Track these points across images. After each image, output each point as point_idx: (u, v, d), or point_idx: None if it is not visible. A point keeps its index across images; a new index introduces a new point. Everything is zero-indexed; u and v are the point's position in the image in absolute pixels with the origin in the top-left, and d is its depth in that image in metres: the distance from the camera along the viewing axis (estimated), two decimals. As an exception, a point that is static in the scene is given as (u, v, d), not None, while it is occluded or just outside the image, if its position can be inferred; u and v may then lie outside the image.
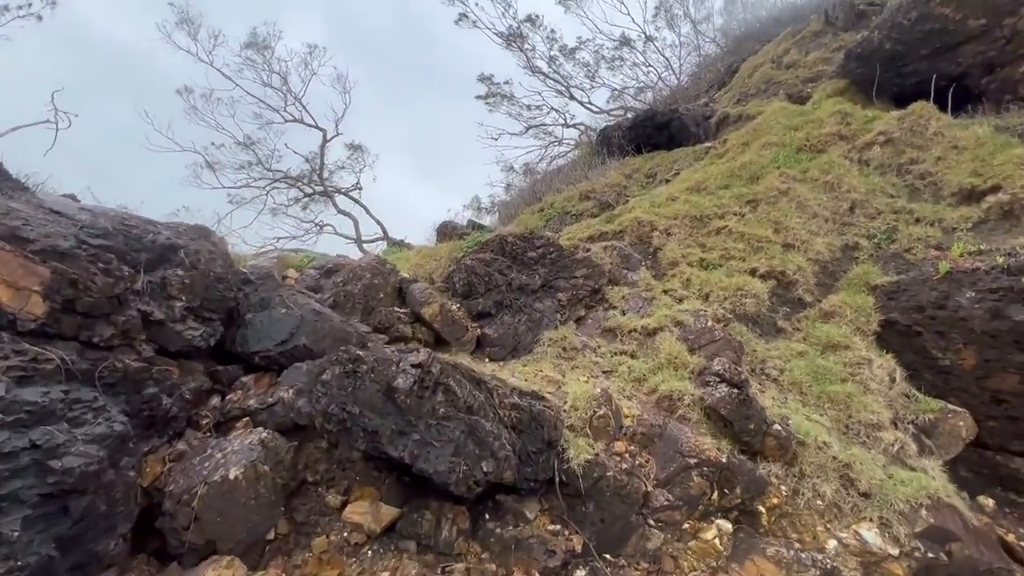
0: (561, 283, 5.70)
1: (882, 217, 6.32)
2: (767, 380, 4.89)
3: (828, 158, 7.05)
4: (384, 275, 5.11)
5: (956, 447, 4.72)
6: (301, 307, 3.73)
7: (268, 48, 18.17)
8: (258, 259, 5.29)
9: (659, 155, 11.89)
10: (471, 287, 5.34)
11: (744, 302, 5.67)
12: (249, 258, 5.62)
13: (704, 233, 6.83)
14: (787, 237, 6.36)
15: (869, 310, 5.47)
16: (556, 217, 11.17)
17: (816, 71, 11.01)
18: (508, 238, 5.91)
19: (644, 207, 7.70)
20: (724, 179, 7.59)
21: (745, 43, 14.67)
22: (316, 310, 3.75)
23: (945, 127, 6.62)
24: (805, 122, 7.94)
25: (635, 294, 5.94)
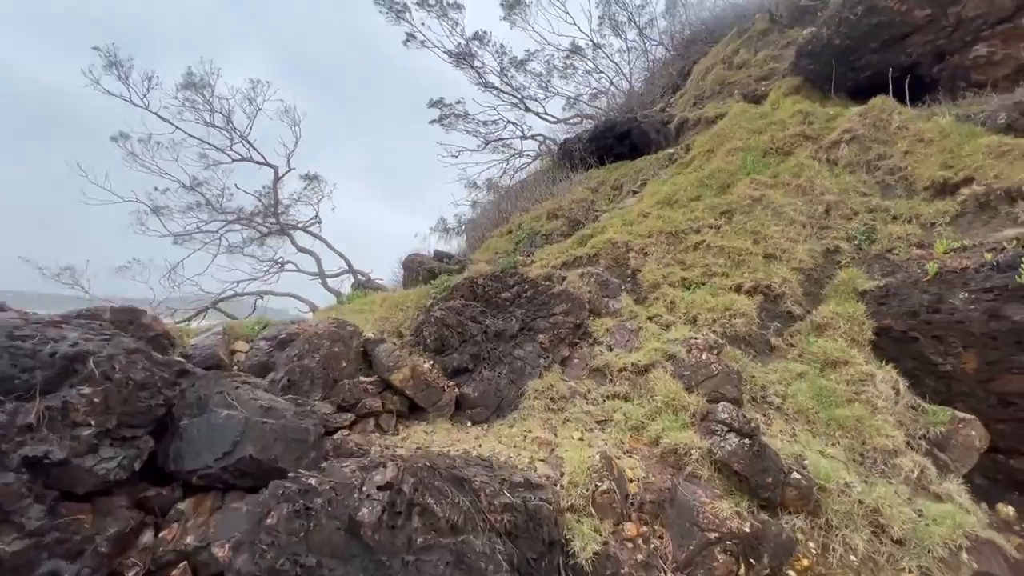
0: (540, 323, 5.28)
1: (859, 217, 6.16)
2: (771, 409, 4.57)
3: (796, 160, 6.89)
4: (345, 340, 4.58)
5: (971, 459, 4.48)
6: (246, 404, 3.18)
7: (207, 87, 17.38)
8: (201, 337, 4.69)
9: (623, 165, 11.71)
10: (443, 341, 4.86)
11: (734, 323, 5.37)
12: (191, 334, 5.01)
13: (682, 249, 6.55)
14: (767, 247, 6.12)
15: (861, 318, 5.24)
16: (526, 239, 10.81)
17: (768, 69, 11.04)
18: (478, 280, 5.47)
19: (616, 226, 7.40)
20: (694, 190, 7.36)
21: (693, 46, 14.74)
22: (264, 406, 3.21)
23: (908, 120, 6.55)
24: (767, 124, 7.81)
25: (619, 325, 5.57)
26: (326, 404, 4.06)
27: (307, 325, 4.73)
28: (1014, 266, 4.58)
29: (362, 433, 3.99)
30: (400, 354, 4.53)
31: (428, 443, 3.91)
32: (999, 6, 6.80)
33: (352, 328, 4.73)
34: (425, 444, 3.88)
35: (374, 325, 5.50)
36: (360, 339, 4.74)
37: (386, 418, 4.23)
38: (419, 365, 4.56)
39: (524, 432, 4.14)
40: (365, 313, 6.12)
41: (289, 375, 4.12)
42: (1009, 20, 6.79)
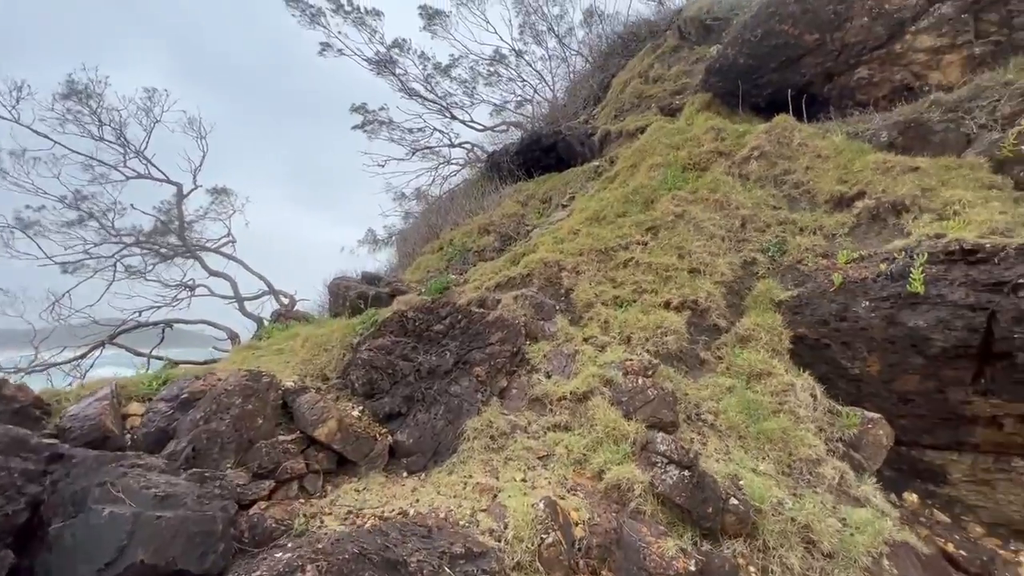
0: (476, 355, 5.10)
1: (771, 230, 6.54)
2: (705, 427, 4.68)
3: (712, 176, 7.23)
4: (260, 394, 4.14)
5: (881, 455, 4.85)
6: (136, 496, 2.72)
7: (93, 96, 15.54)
8: (83, 404, 4.04)
9: (551, 177, 11.81)
10: (373, 384, 4.54)
11: (665, 340, 5.48)
12: (72, 398, 4.32)
13: (612, 267, 6.64)
14: (692, 262, 6.34)
15: (779, 328, 5.54)
16: (458, 256, 10.59)
17: (681, 84, 11.59)
18: (408, 313, 5.19)
19: (548, 244, 7.37)
20: (620, 205, 7.51)
21: (611, 58, 15.23)
22: (160, 495, 2.77)
23: (807, 137, 7.07)
24: (684, 140, 8.15)
25: (556, 350, 5.51)
26: (240, 472, 3.63)
27: (215, 379, 4.23)
28: (904, 275, 5.02)
29: (284, 502, 3.60)
30: (324, 404, 4.16)
31: (360, 505, 3.60)
32: (875, 33, 7.53)
33: (268, 379, 4.29)
34: (356, 507, 3.56)
35: (295, 369, 5.06)
36: (278, 391, 4.31)
37: (311, 479, 3.85)
38: (347, 415, 4.22)
39: (464, 479, 3.93)
40: (286, 354, 5.64)
41: (194, 443, 3.64)
42: (883, 46, 7.54)
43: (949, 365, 4.69)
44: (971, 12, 6.87)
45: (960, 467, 4.96)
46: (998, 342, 4.41)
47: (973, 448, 4.81)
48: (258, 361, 5.55)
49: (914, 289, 4.81)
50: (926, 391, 4.87)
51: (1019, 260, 4.56)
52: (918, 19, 7.23)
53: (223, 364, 5.68)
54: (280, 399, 4.33)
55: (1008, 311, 4.37)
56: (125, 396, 4.44)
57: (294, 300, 15.87)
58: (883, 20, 7.45)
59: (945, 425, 4.92)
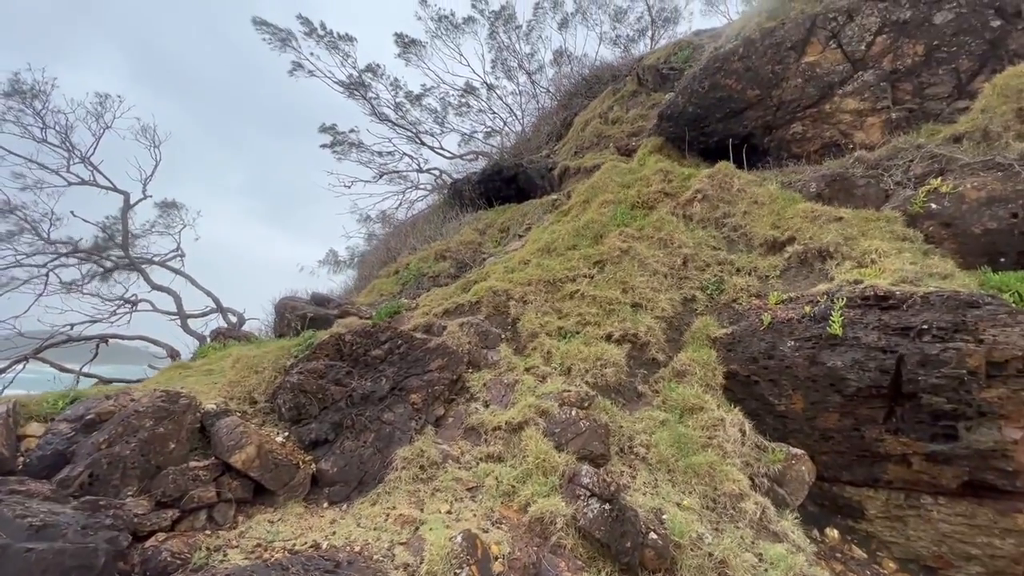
0: (413, 381, 5.03)
1: (710, 269, 6.84)
2: (637, 460, 4.73)
3: (659, 215, 7.54)
4: (175, 417, 3.93)
5: (803, 491, 5.01)
6: (8, 525, 2.50)
7: (39, 96, 14.89)
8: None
9: (510, 208, 12.03)
10: (300, 409, 4.39)
11: (604, 372, 5.56)
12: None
13: (559, 298, 6.75)
14: (634, 296, 6.52)
15: (714, 364, 5.73)
16: (413, 281, 10.54)
17: (637, 126, 12.16)
18: (346, 337, 5.09)
19: (499, 273, 7.45)
20: (571, 239, 7.70)
21: (575, 98, 15.88)
22: (37, 524, 2.55)
23: (746, 184, 7.51)
24: (635, 180, 8.50)
25: (497, 379, 5.50)
26: (142, 501, 3.40)
27: (127, 399, 4.00)
28: (825, 317, 5.32)
29: (188, 533, 3.38)
30: (244, 429, 3.98)
31: (271, 537, 3.42)
32: (808, 93, 8.18)
33: (186, 401, 4.09)
34: (267, 540, 3.39)
35: (221, 391, 4.84)
36: (196, 413, 4.11)
37: (222, 509, 3.65)
38: (268, 441, 4.05)
39: (387, 510, 3.81)
40: (215, 375, 5.40)
41: (93, 468, 3.40)
42: (815, 105, 8.19)
43: (864, 404, 4.95)
44: (889, 81, 7.58)
45: (876, 503, 5.17)
46: (906, 383, 4.70)
47: (887, 485, 5.04)
48: (184, 381, 5.29)
49: (833, 331, 5.10)
50: (844, 428, 5.11)
51: (924, 308, 4.92)
52: (844, 84, 7.91)
53: (145, 384, 5.38)
54: (198, 422, 4.12)
55: (914, 355, 4.68)
56: (26, 416, 4.13)
57: (243, 319, 15.28)
58: (815, 82, 8.11)
59: (861, 462, 5.14)
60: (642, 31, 21.98)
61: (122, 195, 15.73)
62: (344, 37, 22.88)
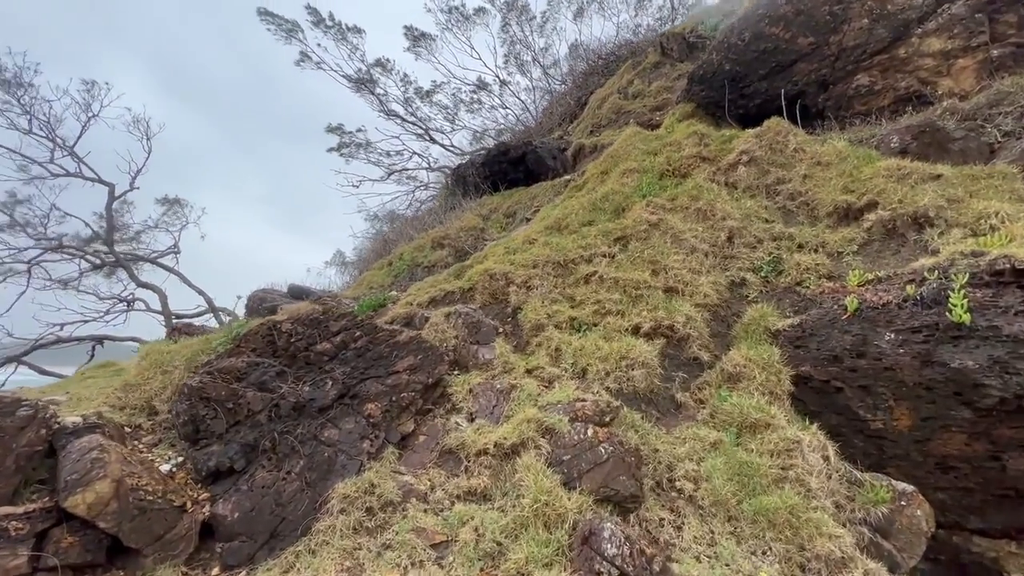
0: (372, 386, 3.69)
1: (763, 246, 5.39)
2: (681, 500, 3.31)
3: (694, 183, 6.12)
4: (6, 434, 2.66)
5: (919, 546, 3.52)
6: None
7: (24, 86, 14.12)
8: None
9: (518, 192, 10.70)
10: (199, 425, 3.09)
11: (631, 375, 4.17)
12: None
13: (571, 283, 5.37)
14: (667, 279, 5.11)
15: (777, 365, 4.28)
16: (406, 271, 9.26)
17: (661, 99, 10.75)
18: (283, 326, 3.79)
19: (498, 254, 6.11)
20: (586, 214, 6.32)
21: (591, 77, 14.53)
22: None
23: (804, 143, 6.05)
24: (663, 146, 7.10)
25: (488, 384, 4.14)
26: None
27: (-70, 412, 2.73)
28: (939, 301, 3.85)
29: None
30: (101, 455, 2.68)
31: (95, 638, 2.10)
32: (876, 36, 6.69)
33: (27, 412, 2.82)
34: (85, 643, 2.07)
35: (110, 398, 3.57)
36: (42, 430, 2.83)
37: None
38: (138, 472, 2.75)
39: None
40: (123, 376, 4.15)
41: None
42: (886, 51, 6.69)
43: (1008, 422, 3.46)
44: (985, 12, 6.06)
45: (1021, 563, 3.66)
46: (1079, 393, 3.22)
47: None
48: (79, 385, 4.05)
49: (957, 318, 3.62)
50: (976, 456, 3.62)
51: (1095, 283, 3.43)
52: (925, 20, 6.41)
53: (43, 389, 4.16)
54: (46, 441, 2.85)
55: (1092, 350, 3.19)
56: None
57: (237, 318, 14.24)
58: (886, 22, 6.62)
59: (1001, 504, 3.65)
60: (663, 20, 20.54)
61: (107, 186, 14.85)
62: (352, 29, 21.93)
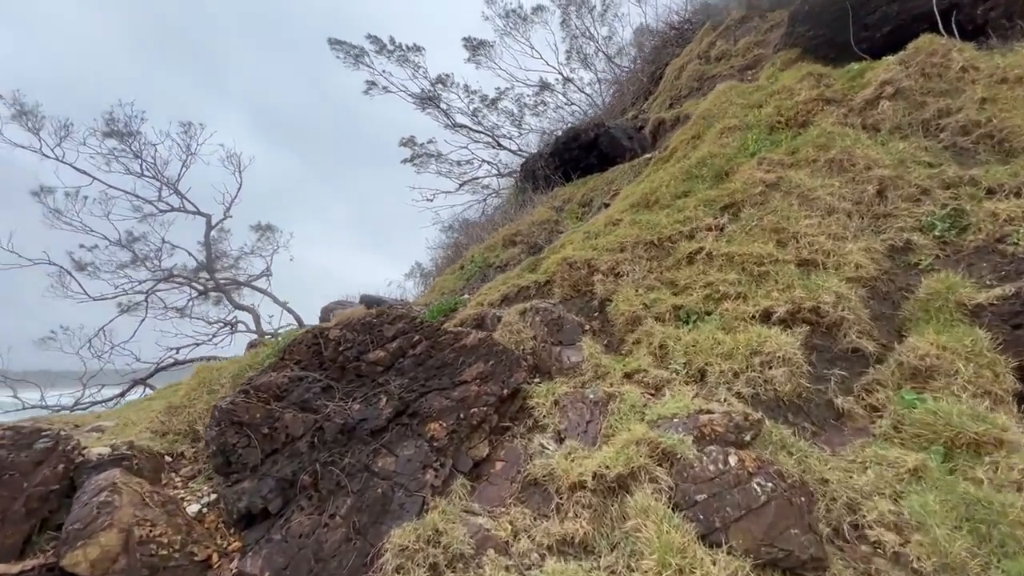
0: (436, 401, 3.00)
1: (931, 197, 4.05)
2: (882, 561, 2.23)
3: (819, 130, 4.86)
4: (17, 471, 2.27)
5: None
6: None
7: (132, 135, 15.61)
8: None
9: (592, 179, 9.75)
10: (229, 454, 2.55)
11: (769, 376, 3.12)
12: None
13: (670, 265, 4.38)
14: (800, 250, 3.96)
15: (990, 354, 3.00)
16: (477, 273, 8.67)
17: (752, 56, 9.32)
18: (330, 333, 3.22)
19: (576, 241, 5.26)
20: (679, 184, 5.28)
21: (663, 50, 13.24)
22: None
23: (975, 59, 4.58)
24: (768, 96, 5.85)
25: (578, 393, 3.29)
26: None
27: (-56, 447, 2.41)
28: None
29: None
30: (110, 497, 2.20)
31: None
32: (1065, -90, 5.01)
33: (46, 444, 2.44)
34: None
35: (152, 422, 3.18)
36: (59, 466, 2.43)
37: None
38: (146, 521, 2.23)
39: None
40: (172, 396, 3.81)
41: None
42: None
43: None
44: None
45: None
46: None
47: None
48: (135, 408, 3.77)
49: None
50: None
51: None
52: None
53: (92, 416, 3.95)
54: (67, 477, 2.44)
55: None
56: None
57: None
58: None
59: None
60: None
61: (204, 218, 16.00)
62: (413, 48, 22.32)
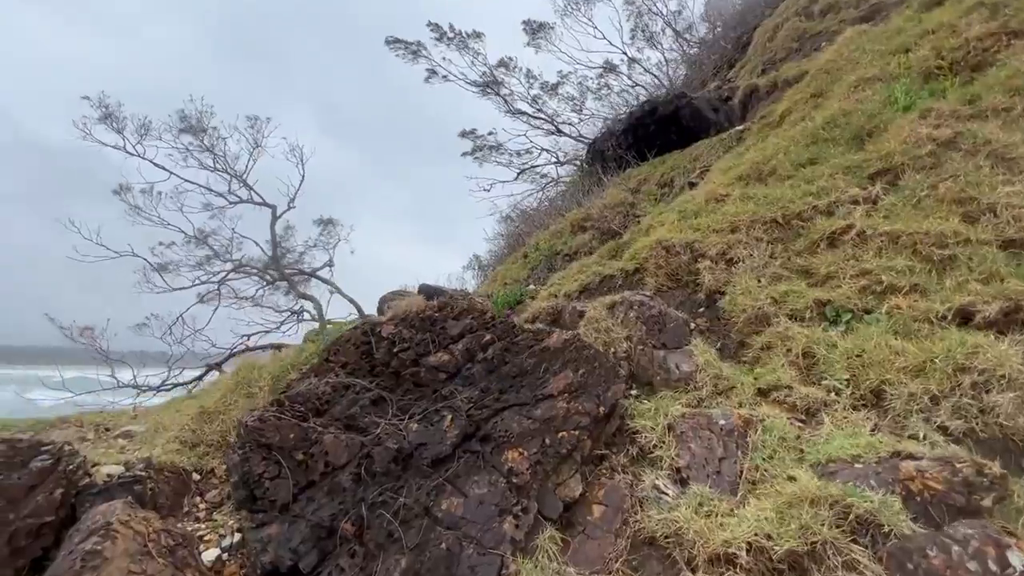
0: (513, 422, 2.30)
1: None
2: None
3: (1012, 70, 3.67)
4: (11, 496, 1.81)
5: None
6: None
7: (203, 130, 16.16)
8: None
9: (672, 156, 8.70)
10: (253, 487, 1.98)
11: (990, 403, 2.17)
12: None
13: (802, 248, 3.43)
14: (1003, 227, 2.90)
15: None
16: (543, 262, 7.94)
17: (869, 6, 7.87)
18: (383, 330, 2.61)
19: (670, 222, 4.38)
20: (803, 150, 4.26)
21: (748, 14, 11.79)
22: None
23: None
24: (919, 36, 4.64)
25: (700, 417, 2.48)
26: None
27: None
28: None
29: None
30: (102, 547, 1.68)
31: None
32: None
33: (47, 460, 1.98)
34: None
35: (183, 431, 2.72)
36: (64, 487, 1.98)
37: None
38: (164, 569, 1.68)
39: None
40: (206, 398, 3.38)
41: None
42: None
43: None
44: None
45: None
46: None
47: None
48: (172, 409, 3.37)
49: None
50: None
51: None
52: None
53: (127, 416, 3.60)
54: (66, 504, 1.97)
55: None
56: None
57: None
58: None
59: None
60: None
61: (270, 208, 16.32)
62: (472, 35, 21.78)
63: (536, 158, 22.31)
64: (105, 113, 15.56)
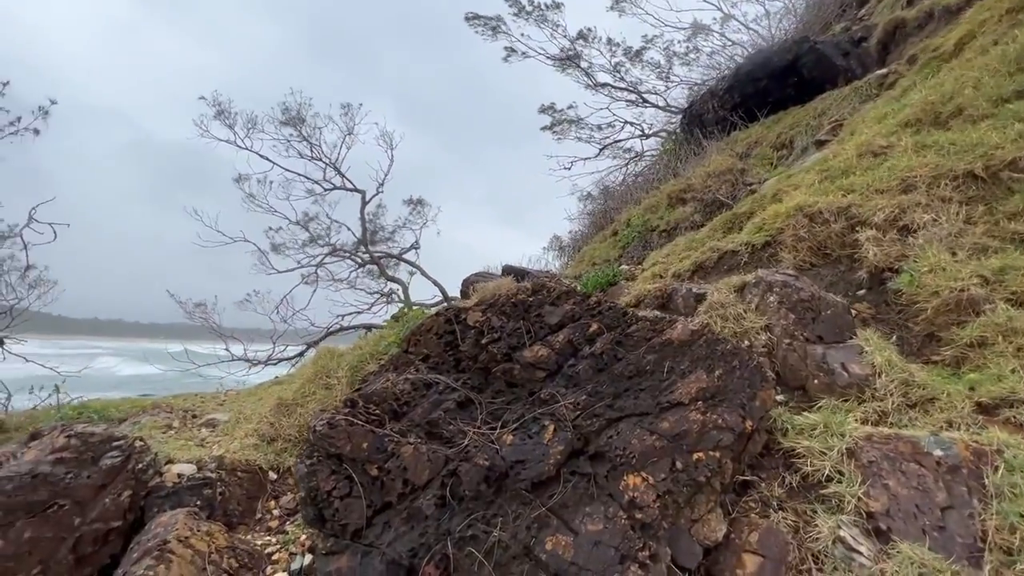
0: (632, 436, 1.80)
1: None
2: None
3: None
4: (70, 500, 1.66)
5: None
6: None
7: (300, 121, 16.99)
8: None
9: (789, 114, 7.47)
10: (322, 505, 1.66)
11: None
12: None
13: (1016, 210, 2.52)
14: None
15: None
16: (636, 239, 7.22)
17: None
18: (469, 317, 2.20)
19: (808, 184, 3.55)
20: (1001, 81, 3.20)
21: (886, -62, 9.80)
22: None
23: None
24: None
25: (902, 444, 1.80)
26: None
27: (8, 454, 1.91)
28: None
29: None
30: (158, 570, 1.43)
31: None
32: None
33: (117, 457, 1.80)
34: None
35: (262, 423, 2.53)
36: (132, 487, 1.79)
37: None
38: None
39: None
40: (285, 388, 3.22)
41: None
42: None
43: None
44: None
45: None
46: None
47: None
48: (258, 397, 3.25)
49: None
50: None
51: None
52: None
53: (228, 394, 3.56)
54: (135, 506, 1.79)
55: None
56: None
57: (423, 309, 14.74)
58: None
59: None
60: None
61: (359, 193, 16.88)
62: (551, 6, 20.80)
63: (619, 132, 20.93)
64: (219, 110, 16.85)
